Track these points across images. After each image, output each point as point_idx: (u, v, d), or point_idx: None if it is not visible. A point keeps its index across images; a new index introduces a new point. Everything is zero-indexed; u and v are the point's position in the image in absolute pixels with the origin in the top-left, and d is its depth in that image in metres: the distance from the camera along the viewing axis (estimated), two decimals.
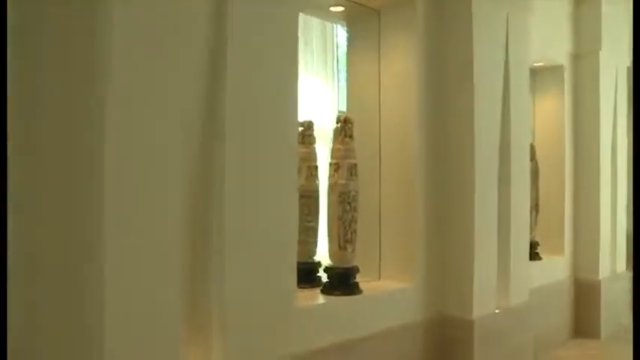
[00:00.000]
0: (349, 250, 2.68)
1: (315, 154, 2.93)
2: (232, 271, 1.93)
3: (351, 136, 2.70)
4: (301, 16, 2.62)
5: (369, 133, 3.20)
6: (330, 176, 2.70)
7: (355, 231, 2.70)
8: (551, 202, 4.52)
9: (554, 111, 4.56)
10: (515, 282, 3.35)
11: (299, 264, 2.88)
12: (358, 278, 3.08)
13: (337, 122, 2.72)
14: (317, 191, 2.89)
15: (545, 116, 4.61)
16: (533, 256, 4.19)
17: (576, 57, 4.64)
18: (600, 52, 4.54)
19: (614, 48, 4.72)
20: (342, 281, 2.69)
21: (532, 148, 4.21)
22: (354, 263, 2.72)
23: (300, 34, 2.35)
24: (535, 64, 4.48)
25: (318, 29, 4.94)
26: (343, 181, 2.66)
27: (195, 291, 1.87)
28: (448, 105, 3.12)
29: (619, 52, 4.82)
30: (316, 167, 2.90)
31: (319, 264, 2.90)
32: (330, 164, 2.71)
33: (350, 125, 2.71)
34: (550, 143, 4.56)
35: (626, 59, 4.99)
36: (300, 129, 2.95)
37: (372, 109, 3.21)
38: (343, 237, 2.66)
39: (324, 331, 2.47)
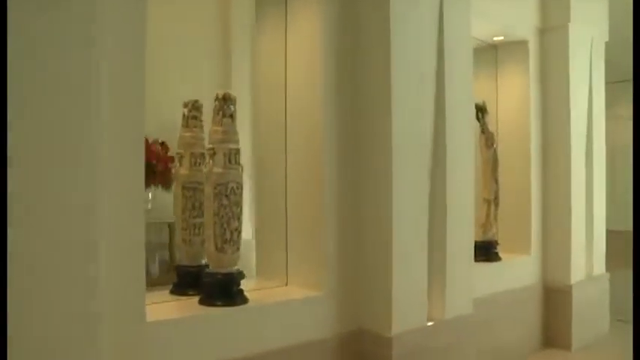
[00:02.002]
0: (229, 252, 2.33)
1: (202, 138, 2.59)
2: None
3: (231, 116, 2.36)
4: None
5: (275, 121, 2.86)
6: (206, 164, 2.36)
7: (237, 230, 2.35)
8: (516, 194, 4.16)
9: (519, 92, 4.19)
10: (453, 290, 2.99)
11: (183, 267, 2.60)
12: (258, 284, 2.77)
13: (215, 100, 2.37)
14: (203, 182, 2.55)
15: (509, 98, 4.24)
16: (492, 256, 3.84)
17: (543, 31, 4.26)
18: (569, 25, 4.16)
19: (587, 21, 4.35)
20: (222, 289, 2.34)
21: (489, 134, 3.86)
22: (235, 267, 2.37)
23: None
24: (495, 39, 4.13)
25: None
26: (219, 170, 2.31)
27: None
28: (363, 88, 2.76)
29: (593, 25, 4.45)
30: (202, 154, 2.56)
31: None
32: (207, 150, 2.36)
33: (230, 104, 2.36)
34: (514, 128, 4.20)
35: (604, 33, 4.62)
36: (184, 110, 2.63)
37: (277, 93, 2.86)
38: (221, 237, 2.31)
39: (190, 351, 2.12)
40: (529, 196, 4.13)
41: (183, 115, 2.62)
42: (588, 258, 4.41)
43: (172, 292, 2.56)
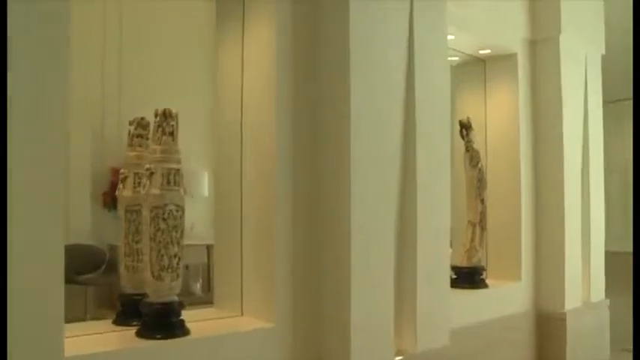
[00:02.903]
0: (167, 280, 2.20)
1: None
2: None
3: (171, 134, 2.24)
4: None
5: (231, 137, 2.75)
6: (143, 185, 2.24)
7: (176, 256, 2.22)
8: (505, 217, 3.98)
9: (508, 107, 4.04)
10: (426, 319, 2.82)
11: (127, 296, 2.47)
12: (212, 314, 2.64)
13: (155, 116, 2.26)
14: None
15: (498, 114, 4.09)
16: (478, 283, 3.67)
17: (533, 43, 4.12)
18: (561, 37, 4.01)
19: (580, 32, 4.21)
20: (160, 320, 2.21)
21: (474, 152, 3.71)
22: (175, 297, 2.23)
23: None
24: (482, 52, 3.99)
25: None
26: (157, 192, 2.19)
27: None
28: (322, 102, 2.63)
29: (587, 37, 4.30)
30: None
31: None
32: (145, 170, 2.24)
33: (171, 120, 2.24)
34: (504, 146, 4.04)
35: (600, 46, 4.46)
36: (130, 128, 2.52)
37: (234, 105, 2.74)
38: (158, 263, 2.18)
39: None
40: (519, 218, 3.94)
41: (129, 133, 2.51)
42: (585, 283, 4.21)
43: (115, 322, 2.44)
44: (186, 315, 2.40)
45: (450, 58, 4.02)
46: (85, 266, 5.28)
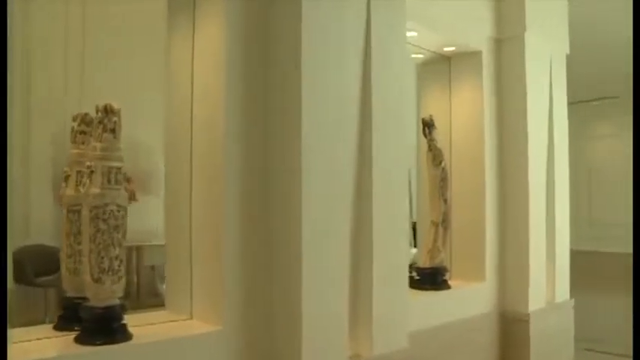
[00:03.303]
0: (107, 283, 2.12)
1: None
2: None
3: (113, 131, 2.16)
4: None
5: (180, 137, 2.68)
6: (83, 184, 2.16)
7: (118, 258, 2.14)
8: (470, 216, 3.97)
9: (472, 106, 4.02)
10: (383, 321, 2.78)
11: (68, 299, 2.39)
12: (162, 317, 2.57)
13: (96, 112, 2.18)
14: None
15: (462, 113, 4.07)
16: (440, 284, 3.64)
17: (498, 42, 4.11)
18: (526, 35, 4.00)
19: (546, 32, 4.21)
20: (101, 325, 2.13)
21: (437, 151, 3.68)
22: (117, 300, 2.16)
23: None
24: (446, 49, 3.96)
25: None
26: (97, 191, 2.11)
27: None
28: (273, 100, 2.58)
29: (551, 37, 4.30)
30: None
31: None
32: (85, 168, 2.17)
33: (113, 116, 2.16)
34: (468, 145, 4.03)
35: (564, 45, 4.48)
36: (73, 124, 2.44)
37: (184, 102, 2.67)
38: (98, 266, 2.10)
39: None
40: (483, 218, 3.93)
41: (72, 129, 2.43)
42: (550, 283, 4.21)
43: (56, 327, 2.35)
44: (133, 319, 2.33)
45: (414, 56, 4.03)
46: (46, 268, 5.17)
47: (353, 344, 2.71)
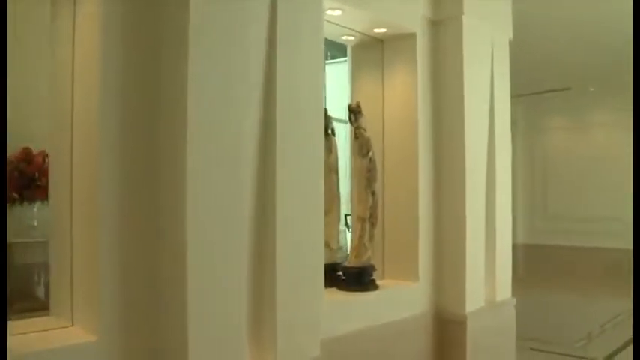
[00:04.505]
0: None
1: None
2: None
3: None
4: None
5: (62, 125, 2.42)
6: None
7: None
8: (403, 211, 3.77)
9: (406, 92, 3.82)
10: (290, 327, 2.56)
11: None
12: (41, 325, 2.32)
13: None
14: None
15: (395, 100, 3.86)
16: (367, 285, 3.43)
17: (435, 23, 3.91)
18: (463, 17, 3.81)
19: (487, 15, 4.03)
20: None
21: (364, 140, 3.46)
22: None
23: None
24: (377, 31, 3.75)
25: None
26: None
27: None
28: (159, 90, 2.31)
29: (495, 22, 4.14)
30: None
31: None
32: None
33: None
34: (400, 134, 3.83)
35: (508, 31, 4.32)
36: None
37: (65, 95, 2.41)
38: None
39: None
40: (417, 213, 3.73)
41: None
42: (490, 282, 4.05)
43: None
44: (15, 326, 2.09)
45: (345, 38, 3.81)
46: None
47: (255, 353, 2.48)
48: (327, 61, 6.80)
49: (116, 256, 2.22)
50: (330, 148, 3.47)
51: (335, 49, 5.82)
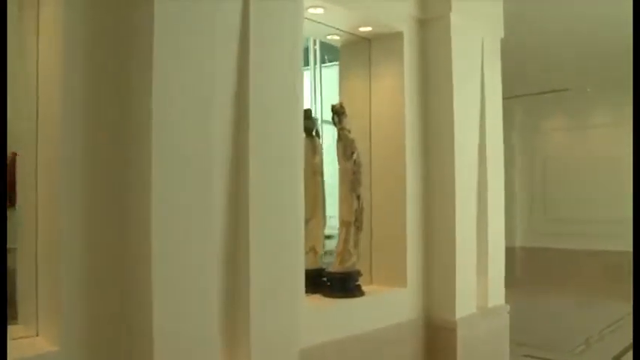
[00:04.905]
0: None
1: None
2: None
3: None
4: None
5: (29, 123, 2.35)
6: None
7: None
8: (391, 215, 3.68)
9: (393, 93, 3.74)
10: (266, 339, 2.48)
11: None
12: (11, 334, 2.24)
13: None
14: None
15: (383, 99, 3.79)
16: (352, 291, 3.34)
17: (422, 22, 3.83)
18: (451, 16, 3.72)
19: (476, 13, 3.94)
20: None
21: (349, 142, 3.38)
22: None
23: None
24: (362, 29, 3.67)
25: None
26: None
27: None
28: (125, 88, 2.25)
29: (485, 20, 4.05)
30: None
31: None
32: None
33: None
34: (388, 135, 3.75)
35: (499, 29, 4.23)
36: None
37: (29, 94, 2.34)
38: None
39: None
40: (404, 217, 3.64)
41: None
42: (481, 287, 3.95)
43: None
44: None
45: (330, 37, 3.73)
46: None
47: None
48: (324, 64, 6.75)
49: (80, 266, 2.15)
50: (314, 149, 3.40)
51: (333, 52, 5.73)
